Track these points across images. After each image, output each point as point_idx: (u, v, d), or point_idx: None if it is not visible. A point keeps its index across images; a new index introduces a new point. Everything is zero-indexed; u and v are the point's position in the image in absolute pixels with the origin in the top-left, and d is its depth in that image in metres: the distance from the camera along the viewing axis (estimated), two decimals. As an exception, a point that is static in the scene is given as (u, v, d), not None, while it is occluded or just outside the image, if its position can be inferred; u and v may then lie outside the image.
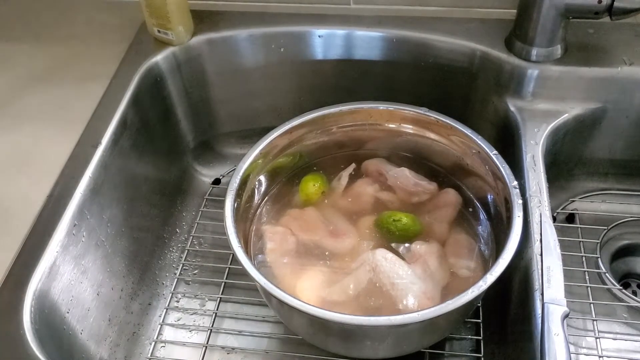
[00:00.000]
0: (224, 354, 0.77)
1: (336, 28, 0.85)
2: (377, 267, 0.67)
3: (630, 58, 0.78)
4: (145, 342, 0.78)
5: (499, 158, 0.70)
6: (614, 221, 0.83)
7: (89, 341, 0.68)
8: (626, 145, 0.84)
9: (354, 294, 0.67)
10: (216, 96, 0.92)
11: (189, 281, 0.85)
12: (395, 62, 0.86)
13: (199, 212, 0.92)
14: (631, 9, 0.69)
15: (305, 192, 0.79)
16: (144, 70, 0.83)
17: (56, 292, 0.64)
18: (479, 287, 0.58)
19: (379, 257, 0.68)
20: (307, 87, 0.91)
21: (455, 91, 0.86)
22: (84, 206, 0.69)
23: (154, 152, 0.86)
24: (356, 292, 0.67)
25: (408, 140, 0.79)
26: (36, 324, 0.59)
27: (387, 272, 0.67)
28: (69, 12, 0.94)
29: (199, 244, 0.89)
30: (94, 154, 0.72)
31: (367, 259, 0.69)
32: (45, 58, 0.87)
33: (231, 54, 0.88)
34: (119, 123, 0.77)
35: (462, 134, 0.73)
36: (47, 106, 0.79)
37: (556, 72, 0.78)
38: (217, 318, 0.80)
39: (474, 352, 0.75)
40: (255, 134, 0.78)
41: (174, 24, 0.82)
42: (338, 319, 0.58)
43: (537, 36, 0.76)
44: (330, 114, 0.77)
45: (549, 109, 0.78)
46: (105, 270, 0.73)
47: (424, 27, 0.84)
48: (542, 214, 0.67)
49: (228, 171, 0.97)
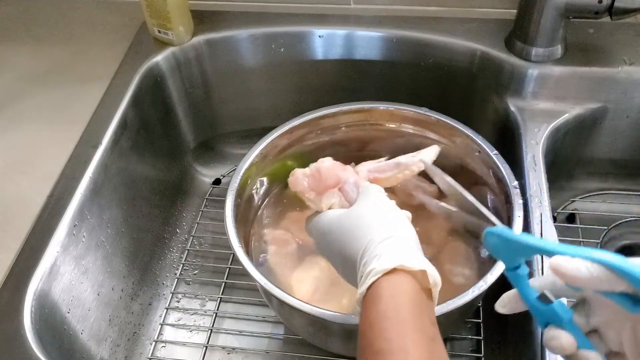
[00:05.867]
0: (225, 354, 0.77)
1: (336, 28, 0.85)
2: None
3: (630, 58, 0.78)
4: (145, 342, 0.78)
5: (500, 158, 0.70)
6: (615, 221, 0.83)
7: (89, 341, 0.68)
8: (626, 145, 0.84)
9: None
10: (216, 96, 0.92)
11: (190, 281, 0.85)
12: (395, 62, 0.86)
13: (199, 213, 0.92)
14: (631, 9, 0.69)
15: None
16: (144, 70, 0.83)
17: (56, 292, 0.64)
18: (479, 287, 0.58)
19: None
20: (307, 87, 0.91)
21: (455, 91, 0.86)
22: (84, 206, 0.69)
23: (154, 153, 0.86)
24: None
25: (408, 140, 0.79)
26: (36, 324, 0.59)
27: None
28: (69, 13, 0.94)
29: (199, 244, 0.89)
30: (94, 155, 0.72)
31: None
32: (45, 59, 0.87)
33: (231, 54, 0.88)
34: (119, 123, 0.77)
35: (462, 134, 0.73)
36: (47, 107, 0.79)
37: (556, 72, 0.78)
38: (218, 318, 0.80)
39: (474, 352, 0.75)
40: (255, 134, 0.78)
41: (174, 24, 0.82)
42: (338, 319, 0.59)
43: (538, 36, 0.76)
44: (330, 114, 0.77)
45: (549, 108, 0.78)
46: (106, 271, 0.73)
47: (424, 27, 0.84)
48: (543, 214, 0.67)
49: (228, 171, 0.97)
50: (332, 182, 0.62)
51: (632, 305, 0.35)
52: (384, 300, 0.43)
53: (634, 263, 0.35)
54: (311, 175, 0.63)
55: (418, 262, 0.45)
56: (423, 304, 0.43)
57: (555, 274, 0.37)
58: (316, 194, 0.62)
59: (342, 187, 0.61)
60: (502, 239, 0.42)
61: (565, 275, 0.36)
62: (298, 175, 0.65)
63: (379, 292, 0.43)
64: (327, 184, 0.61)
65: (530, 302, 0.42)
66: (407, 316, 0.41)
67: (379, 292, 0.43)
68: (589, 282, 0.36)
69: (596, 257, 0.35)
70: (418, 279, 0.45)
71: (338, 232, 0.53)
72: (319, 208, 0.61)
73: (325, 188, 0.62)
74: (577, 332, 0.40)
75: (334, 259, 0.55)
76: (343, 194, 0.61)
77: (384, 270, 0.44)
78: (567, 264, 0.36)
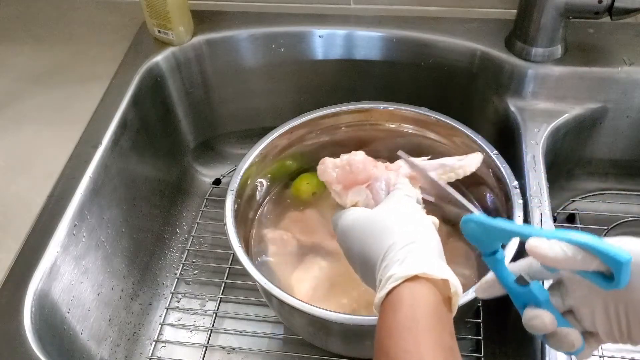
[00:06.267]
0: (225, 354, 0.77)
1: (336, 28, 0.85)
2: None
3: (630, 58, 0.78)
4: (145, 342, 0.78)
5: (499, 158, 0.70)
6: (615, 221, 0.83)
7: (89, 341, 0.68)
8: (626, 145, 0.84)
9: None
10: (216, 96, 0.92)
11: (189, 281, 0.85)
12: (395, 62, 0.86)
13: (199, 213, 0.92)
14: (631, 9, 0.69)
15: (297, 188, 0.80)
16: (144, 70, 0.83)
17: (56, 292, 0.64)
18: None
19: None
20: (307, 87, 0.91)
21: (455, 91, 0.86)
22: (84, 206, 0.69)
23: (154, 153, 0.86)
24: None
25: (408, 140, 0.79)
26: (36, 324, 0.59)
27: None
28: (69, 13, 0.94)
29: (199, 244, 0.89)
30: (94, 155, 0.72)
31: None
32: (45, 59, 0.87)
33: (231, 54, 0.88)
34: (119, 123, 0.77)
35: (462, 134, 0.73)
36: (47, 107, 0.79)
37: (556, 72, 0.78)
38: (218, 318, 0.80)
39: (474, 352, 0.75)
40: (255, 134, 0.78)
41: (174, 24, 0.82)
42: (338, 319, 0.59)
43: (538, 36, 0.76)
44: (330, 114, 0.77)
45: (549, 108, 0.78)
46: (106, 271, 0.73)
47: (424, 27, 0.84)
48: (543, 214, 0.67)
49: (228, 171, 0.97)
50: (362, 178, 0.60)
51: (605, 283, 0.37)
52: (404, 308, 0.42)
53: (606, 242, 0.36)
54: (342, 167, 0.61)
55: (441, 270, 0.44)
56: (443, 315, 0.43)
57: (532, 256, 0.38)
58: (343, 187, 0.60)
59: (371, 185, 0.59)
60: (479, 225, 0.44)
61: (542, 256, 0.38)
62: (328, 165, 0.62)
63: (399, 299, 0.43)
64: (357, 178, 0.59)
65: (508, 285, 0.43)
66: (426, 328, 0.41)
67: (399, 299, 0.43)
68: (564, 262, 0.37)
69: (571, 238, 0.37)
70: (439, 287, 0.44)
71: (360, 232, 0.53)
72: (342, 203, 0.60)
73: (354, 182, 0.60)
74: (555, 311, 0.42)
75: (353, 258, 0.54)
76: (371, 192, 0.59)
77: (405, 276, 0.43)
78: (543, 245, 0.38)
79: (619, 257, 0.35)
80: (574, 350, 0.42)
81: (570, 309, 0.43)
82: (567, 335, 0.41)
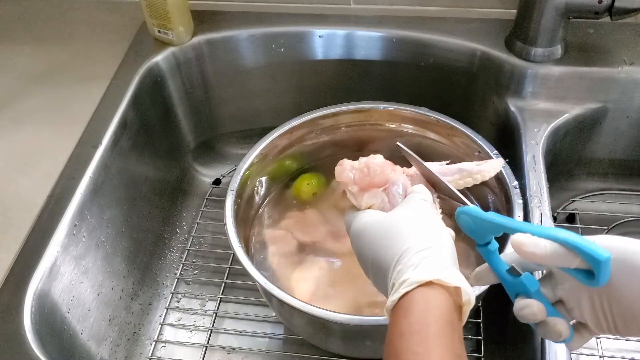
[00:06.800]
0: (225, 354, 0.77)
1: (336, 28, 0.86)
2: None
3: (630, 58, 0.78)
4: (145, 342, 0.78)
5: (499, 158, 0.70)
6: (615, 221, 0.83)
7: (89, 341, 0.68)
8: (626, 145, 0.84)
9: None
10: (216, 96, 0.92)
11: (189, 281, 0.85)
12: (395, 62, 0.86)
13: (199, 213, 0.92)
14: (631, 9, 0.69)
15: (297, 188, 0.80)
16: (144, 70, 0.83)
17: (56, 292, 0.64)
18: (479, 288, 0.58)
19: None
20: (307, 87, 0.91)
21: (455, 91, 0.86)
22: (84, 207, 0.69)
23: (154, 153, 0.86)
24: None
25: (408, 140, 0.79)
26: (36, 324, 0.59)
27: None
28: (69, 13, 0.94)
29: (199, 244, 0.89)
30: (94, 155, 0.72)
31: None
32: (45, 59, 0.87)
33: (231, 54, 0.88)
34: (119, 123, 0.77)
35: (462, 134, 0.73)
36: (47, 107, 0.79)
37: (556, 72, 0.78)
38: (218, 318, 0.80)
39: (474, 352, 0.75)
40: (255, 134, 0.78)
41: (174, 24, 0.82)
42: (338, 319, 0.59)
43: (538, 36, 0.76)
44: (330, 114, 0.77)
45: (549, 108, 0.78)
46: (106, 271, 0.73)
47: (424, 27, 0.84)
48: (543, 214, 0.67)
49: (228, 171, 0.97)
50: (379, 181, 0.59)
51: (587, 280, 0.38)
52: (416, 313, 0.42)
53: (586, 240, 0.38)
54: (359, 169, 0.61)
55: (454, 278, 0.44)
56: (454, 322, 0.43)
57: (515, 251, 0.40)
58: (359, 189, 0.60)
59: (388, 188, 0.59)
60: (473, 217, 0.46)
61: (525, 253, 0.39)
62: (346, 166, 0.62)
63: (412, 304, 0.43)
64: (374, 181, 0.59)
65: (501, 274, 0.45)
66: (437, 333, 0.41)
67: (412, 304, 0.43)
68: (547, 259, 0.39)
69: (553, 235, 0.39)
70: (451, 294, 0.44)
71: (374, 235, 0.53)
72: (358, 205, 0.60)
73: (371, 185, 0.60)
74: (545, 301, 0.44)
75: (365, 261, 0.54)
76: (388, 196, 0.59)
77: (419, 282, 0.43)
78: (527, 241, 0.39)
79: (598, 256, 0.37)
80: (562, 339, 0.43)
81: (560, 300, 0.45)
82: (555, 325, 0.43)
